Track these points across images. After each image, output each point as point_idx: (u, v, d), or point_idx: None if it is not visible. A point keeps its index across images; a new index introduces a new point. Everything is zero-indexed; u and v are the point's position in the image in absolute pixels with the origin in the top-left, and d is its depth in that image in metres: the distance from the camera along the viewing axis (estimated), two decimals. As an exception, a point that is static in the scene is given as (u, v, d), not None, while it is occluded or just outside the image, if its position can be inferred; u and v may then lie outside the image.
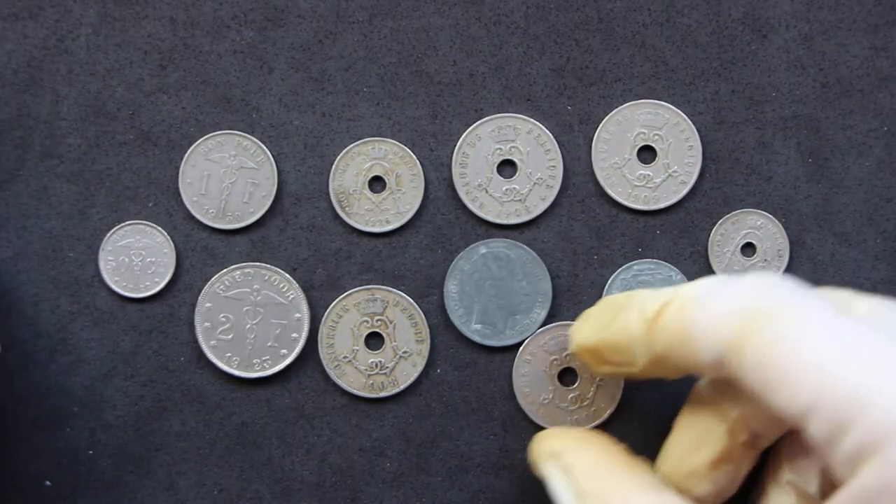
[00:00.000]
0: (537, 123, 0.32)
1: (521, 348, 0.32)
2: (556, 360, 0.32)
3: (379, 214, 0.32)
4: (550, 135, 0.32)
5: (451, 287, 0.32)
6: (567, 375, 0.32)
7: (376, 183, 0.32)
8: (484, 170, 0.32)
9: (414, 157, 0.32)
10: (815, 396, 0.22)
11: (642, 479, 0.26)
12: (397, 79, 0.32)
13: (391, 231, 0.32)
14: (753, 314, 0.23)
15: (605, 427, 0.32)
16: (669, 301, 0.25)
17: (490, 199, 0.32)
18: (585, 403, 0.32)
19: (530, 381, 0.32)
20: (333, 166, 0.32)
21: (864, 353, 0.22)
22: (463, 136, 0.32)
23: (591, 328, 0.28)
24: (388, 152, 0.32)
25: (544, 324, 0.32)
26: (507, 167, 0.32)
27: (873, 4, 0.32)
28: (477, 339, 0.32)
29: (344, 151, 0.32)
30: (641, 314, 0.26)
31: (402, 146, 0.32)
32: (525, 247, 0.32)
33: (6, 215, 0.32)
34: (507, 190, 0.32)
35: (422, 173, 0.32)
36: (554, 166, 0.32)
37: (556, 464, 0.27)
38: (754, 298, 0.23)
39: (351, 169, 0.32)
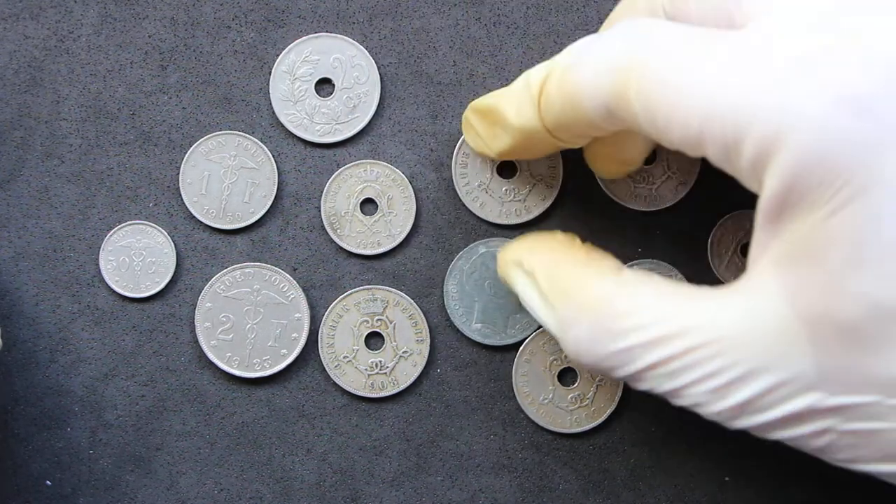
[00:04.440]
0: None
1: (521, 348, 0.32)
2: (555, 360, 0.32)
3: (370, 237, 0.32)
4: None
5: (451, 287, 0.32)
6: (567, 375, 0.32)
7: (368, 205, 0.32)
8: (484, 170, 0.32)
9: (406, 179, 0.32)
10: (702, 123, 0.22)
11: (601, 266, 0.26)
12: (397, 79, 0.32)
13: (383, 253, 0.32)
14: (627, 61, 0.23)
15: (605, 427, 0.32)
16: (549, 72, 0.26)
17: (490, 200, 0.32)
18: (585, 403, 0.32)
19: (530, 381, 0.32)
20: (325, 188, 0.32)
21: (742, 66, 0.22)
22: (462, 139, 0.32)
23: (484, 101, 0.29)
24: (380, 174, 0.32)
25: None
26: (507, 167, 0.32)
27: (873, 4, 0.32)
28: (478, 338, 0.32)
29: (335, 174, 0.32)
30: (529, 93, 0.26)
31: (394, 168, 0.32)
32: None
33: (7, 215, 0.32)
34: (507, 190, 0.32)
35: (413, 196, 0.32)
36: (554, 166, 0.32)
37: (519, 270, 0.28)
38: (625, 46, 0.23)
39: (343, 191, 0.32)
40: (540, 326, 0.32)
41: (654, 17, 0.25)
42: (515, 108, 0.27)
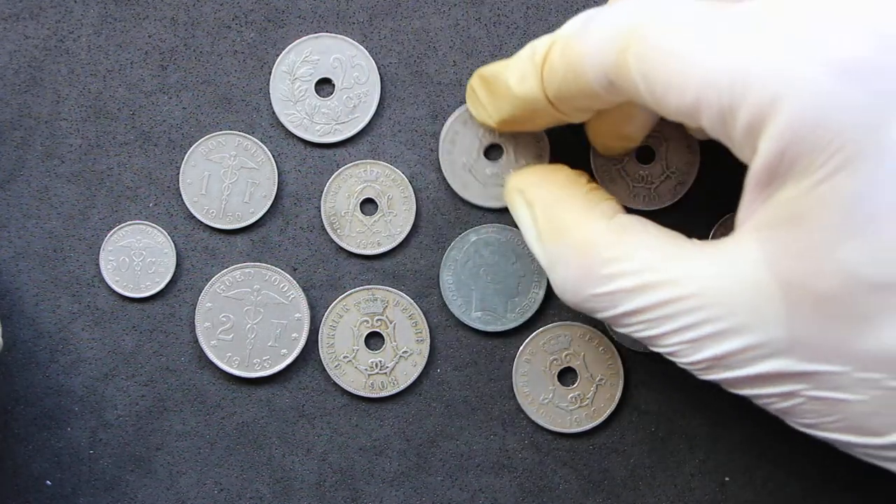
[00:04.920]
0: None
1: (520, 348, 0.32)
2: (555, 360, 0.32)
3: (370, 237, 0.32)
4: None
5: (447, 278, 0.32)
6: (567, 375, 0.32)
7: (368, 205, 0.32)
8: (471, 150, 0.32)
9: (406, 179, 0.32)
10: (699, 89, 0.22)
11: (597, 208, 0.26)
12: (397, 79, 0.32)
13: (383, 253, 0.32)
14: (628, 30, 0.23)
15: (605, 427, 0.32)
16: (553, 42, 0.26)
17: (473, 181, 0.32)
18: (585, 403, 0.32)
19: (530, 380, 0.32)
20: (325, 188, 0.32)
21: (740, 34, 0.22)
22: (455, 113, 0.32)
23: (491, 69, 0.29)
24: (380, 174, 0.32)
25: (544, 302, 0.32)
26: (494, 150, 0.32)
27: (873, 4, 0.32)
28: (479, 326, 0.32)
29: (335, 174, 0.32)
30: (532, 62, 0.27)
31: (394, 168, 0.32)
32: (514, 229, 0.32)
33: (7, 215, 0.32)
34: (491, 174, 0.32)
35: (413, 196, 0.32)
36: (541, 155, 0.32)
37: (521, 199, 0.28)
38: (628, 16, 0.24)
39: (343, 191, 0.32)
40: (540, 305, 0.32)
41: None
42: (518, 76, 0.27)
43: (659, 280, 0.24)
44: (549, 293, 0.32)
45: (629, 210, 0.32)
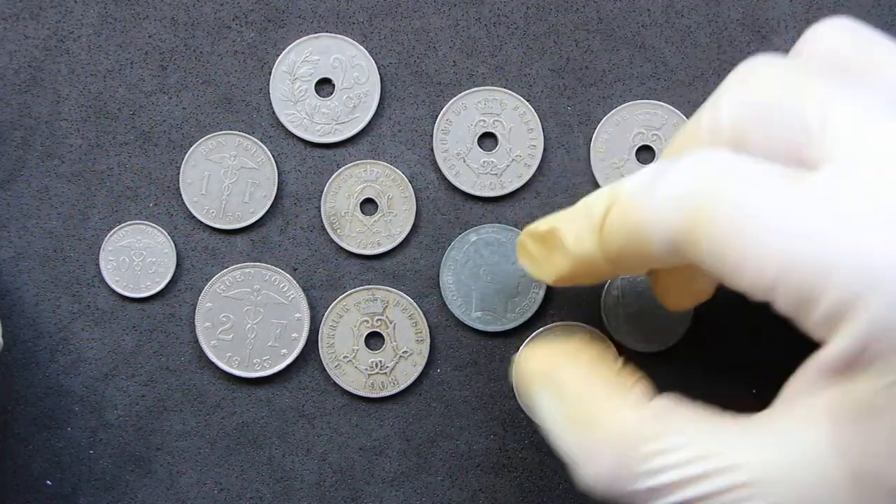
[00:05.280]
0: (524, 101, 0.32)
1: (520, 349, 0.32)
2: None
3: (370, 237, 0.32)
4: (535, 114, 0.32)
5: (447, 278, 0.32)
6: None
7: (368, 205, 0.32)
8: (465, 139, 0.32)
9: (406, 179, 0.32)
10: (777, 273, 0.21)
11: (630, 393, 0.24)
12: (397, 79, 0.32)
13: (383, 253, 0.32)
14: (699, 201, 0.22)
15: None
16: (612, 202, 0.24)
17: (466, 169, 0.32)
18: None
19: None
20: (325, 188, 0.32)
21: (819, 217, 0.21)
22: (449, 104, 0.32)
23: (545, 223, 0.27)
24: (380, 174, 0.32)
25: (544, 302, 0.32)
26: (487, 140, 0.32)
27: (872, 5, 0.32)
28: (479, 326, 0.32)
29: (335, 174, 0.32)
30: (590, 222, 0.25)
31: (394, 168, 0.32)
32: (515, 229, 0.32)
33: (7, 215, 0.32)
34: (484, 162, 0.32)
35: (413, 196, 0.32)
36: (534, 146, 0.32)
37: (544, 383, 0.26)
38: (696, 183, 0.22)
39: (343, 191, 0.32)
40: (540, 306, 0.32)
41: (719, 149, 0.23)
42: (574, 235, 0.25)
43: (713, 468, 0.22)
44: (549, 293, 0.32)
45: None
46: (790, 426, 0.22)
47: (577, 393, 0.25)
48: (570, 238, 0.26)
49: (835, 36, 0.24)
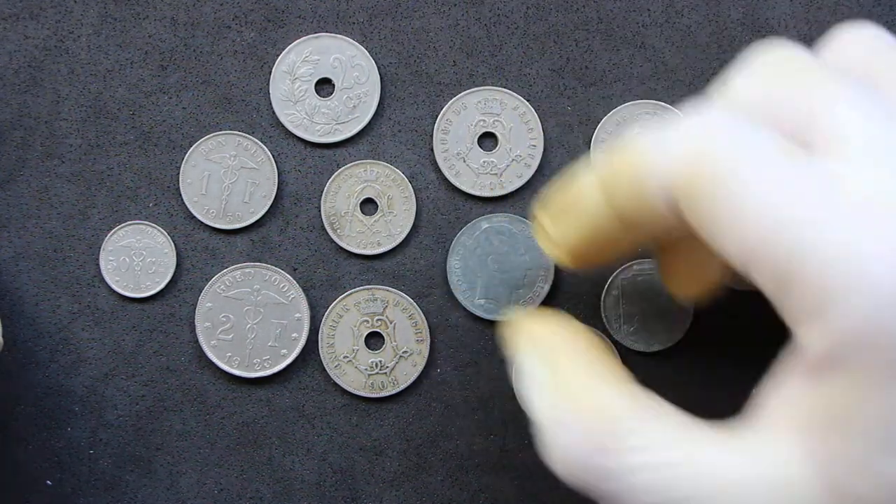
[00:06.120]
0: (524, 101, 0.32)
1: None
2: None
3: (370, 237, 0.32)
4: (535, 114, 0.32)
5: (454, 263, 0.32)
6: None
7: (368, 205, 0.32)
8: (465, 139, 0.32)
9: (406, 179, 0.32)
10: (758, 243, 0.20)
11: (612, 374, 0.24)
12: (397, 79, 0.32)
13: (383, 253, 0.32)
14: (702, 154, 0.21)
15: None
16: (616, 152, 0.24)
17: (466, 169, 0.32)
18: None
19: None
20: (325, 188, 0.32)
21: (813, 199, 0.20)
22: (449, 104, 0.32)
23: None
24: (380, 174, 0.32)
25: (548, 297, 0.32)
26: (487, 140, 0.32)
27: (872, 5, 0.32)
28: (481, 313, 0.32)
29: (335, 174, 0.32)
30: (594, 173, 0.24)
31: (394, 168, 0.32)
32: (527, 221, 0.32)
33: (7, 215, 0.32)
34: (484, 162, 0.32)
35: (413, 196, 0.32)
36: (535, 146, 0.32)
37: (533, 347, 0.25)
38: (703, 136, 0.22)
39: (343, 191, 0.32)
40: (544, 300, 0.32)
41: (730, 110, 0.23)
42: (578, 191, 0.25)
43: (676, 460, 0.21)
44: (555, 289, 0.32)
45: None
46: (763, 436, 0.21)
47: (568, 364, 0.24)
48: (573, 196, 0.25)
49: (856, 39, 0.24)
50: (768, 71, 0.23)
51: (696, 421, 0.23)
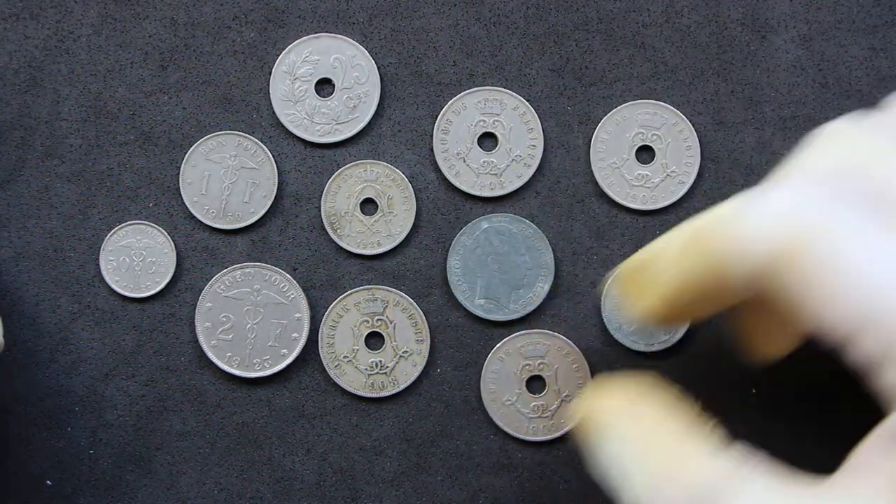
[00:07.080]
0: (524, 101, 0.32)
1: (497, 345, 0.32)
2: (528, 365, 0.32)
3: (370, 237, 0.32)
4: (535, 114, 0.32)
5: (454, 263, 0.32)
6: (534, 383, 0.32)
7: (368, 205, 0.32)
8: (465, 139, 0.32)
9: (406, 179, 0.32)
10: (861, 321, 0.20)
11: (704, 443, 0.23)
12: (397, 79, 0.32)
13: (383, 253, 0.32)
14: (798, 228, 0.21)
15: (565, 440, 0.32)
16: (700, 224, 0.24)
17: (466, 169, 0.32)
18: (546, 415, 0.32)
19: (498, 378, 0.32)
20: (325, 188, 0.32)
21: None
22: (449, 104, 0.32)
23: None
24: (380, 174, 0.32)
25: (548, 297, 0.32)
26: (487, 140, 0.32)
27: (872, 5, 0.32)
28: (481, 313, 0.32)
29: (335, 174, 0.32)
30: (678, 245, 0.24)
31: (394, 168, 0.32)
32: (527, 221, 0.32)
33: (7, 215, 0.32)
34: (484, 162, 0.32)
35: (413, 196, 0.32)
36: (534, 146, 0.32)
37: (613, 429, 0.24)
38: (797, 210, 0.22)
39: (343, 191, 0.32)
40: (544, 300, 0.32)
41: (828, 186, 0.23)
42: (664, 258, 0.25)
43: None
44: (554, 289, 0.32)
45: (629, 214, 0.32)
46: (854, 496, 0.21)
47: (655, 436, 0.24)
48: (658, 262, 0.25)
49: None
50: (839, 145, 0.23)
51: (789, 474, 0.22)
